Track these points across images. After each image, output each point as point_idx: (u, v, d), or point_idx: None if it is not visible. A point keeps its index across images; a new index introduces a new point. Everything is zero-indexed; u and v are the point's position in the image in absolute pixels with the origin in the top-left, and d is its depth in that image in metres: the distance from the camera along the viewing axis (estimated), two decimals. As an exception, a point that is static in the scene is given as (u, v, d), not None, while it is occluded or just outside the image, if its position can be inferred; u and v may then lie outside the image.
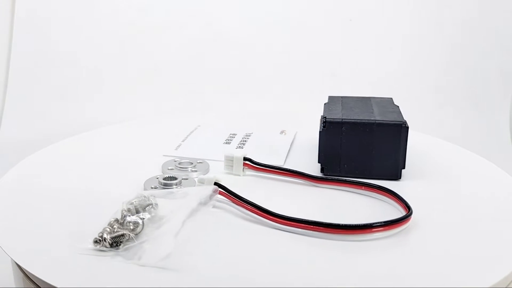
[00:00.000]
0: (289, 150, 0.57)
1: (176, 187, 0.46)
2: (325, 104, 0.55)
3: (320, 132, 0.49)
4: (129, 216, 0.38)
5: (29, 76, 0.88)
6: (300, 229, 0.39)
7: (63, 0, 0.93)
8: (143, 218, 0.38)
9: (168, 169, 0.50)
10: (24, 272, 0.38)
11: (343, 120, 0.49)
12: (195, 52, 1.03)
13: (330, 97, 0.57)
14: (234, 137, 0.60)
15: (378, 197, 0.46)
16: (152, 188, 0.46)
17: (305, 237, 0.39)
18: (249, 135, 0.61)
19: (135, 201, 0.40)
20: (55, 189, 0.47)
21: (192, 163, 0.52)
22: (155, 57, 1.01)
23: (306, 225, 0.39)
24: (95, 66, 0.97)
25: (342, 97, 0.57)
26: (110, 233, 0.36)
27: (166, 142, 0.58)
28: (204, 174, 0.50)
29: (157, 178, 0.47)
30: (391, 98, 0.57)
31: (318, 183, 0.48)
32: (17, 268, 0.39)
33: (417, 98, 0.99)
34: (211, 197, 0.43)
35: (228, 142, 0.59)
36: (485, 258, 0.37)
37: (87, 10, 0.96)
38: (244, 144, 0.58)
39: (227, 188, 0.43)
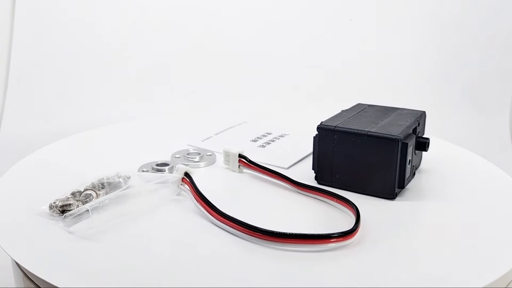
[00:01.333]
0: (308, 155, 0.55)
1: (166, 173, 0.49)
2: (342, 110, 0.52)
3: (313, 138, 0.47)
4: (89, 189, 0.43)
5: (29, 76, 0.88)
6: (237, 231, 0.39)
7: (64, 0, 0.94)
8: (100, 193, 0.43)
9: (175, 157, 0.54)
10: (24, 272, 0.38)
11: (335, 128, 0.46)
12: (197, 51, 1.03)
13: (357, 104, 0.54)
14: (266, 136, 0.61)
15: (346, 211, 0.42)
16: (143, 171, 0.50)
17: (240, 239, 0.39)
18: (283, 136, 0.61)
19: (105, 177, 0.44)
20: (66, 179, 0.48)
21: (200, 154, 0.54)
22: (156, 57, 1.00)
23: (242, 228, 0.39)
24: (95, 66, 0.97)
25: (368, 105, 0.54)
26: (63, 201, 0.41)
27: (200, 134, 0.62)
28: (207, 166, 0.53)
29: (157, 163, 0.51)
30: (422, 112, 0.51)
31: (298, 189, 0.46)
32: (17, 267, 0.39)
33: (417, 98, 0.98)
34: (178, 185, 0.45)
35: (255, 140, 0.60)
36: (484, 258, 0.36)
37: (88, 10, 0.96)
38: (269, 143, 0.59)
39: (192, 180, 0.45)
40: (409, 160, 0.46)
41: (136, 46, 0.97)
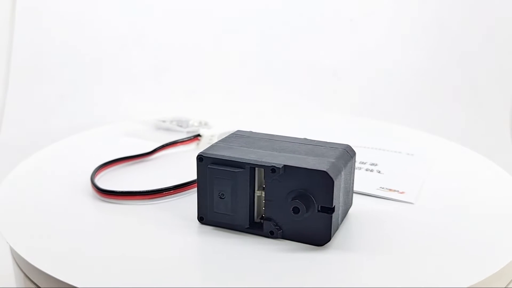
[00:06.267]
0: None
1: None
2: (305, 138, 0.44)
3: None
4: (183, 121, 0.66)
5: (30, 76, 0.84)
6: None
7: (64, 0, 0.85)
8: (178, 125, 0.65)
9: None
10: (25, 273, 0.37)
11: (234, 134, 0.46)
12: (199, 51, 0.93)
13: (344, 145, 0.42)
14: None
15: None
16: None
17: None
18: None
19: (196, 121, 0.66)
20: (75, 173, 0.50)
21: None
22: (156, 57, 0.92)
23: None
24: (95, 66, 0.89)
25: (344, 148, 0.41)
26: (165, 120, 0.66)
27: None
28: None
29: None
30: (318, 173, 0.37)
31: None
32: (18, 268, 0.39)
33: (417, 97, 0.98)
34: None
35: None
36: (484, 258, 0.37)
37: (88, 9, 0.87)
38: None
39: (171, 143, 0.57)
40: (221, 192, 0.39)
41: (137, 45, 0.91)
